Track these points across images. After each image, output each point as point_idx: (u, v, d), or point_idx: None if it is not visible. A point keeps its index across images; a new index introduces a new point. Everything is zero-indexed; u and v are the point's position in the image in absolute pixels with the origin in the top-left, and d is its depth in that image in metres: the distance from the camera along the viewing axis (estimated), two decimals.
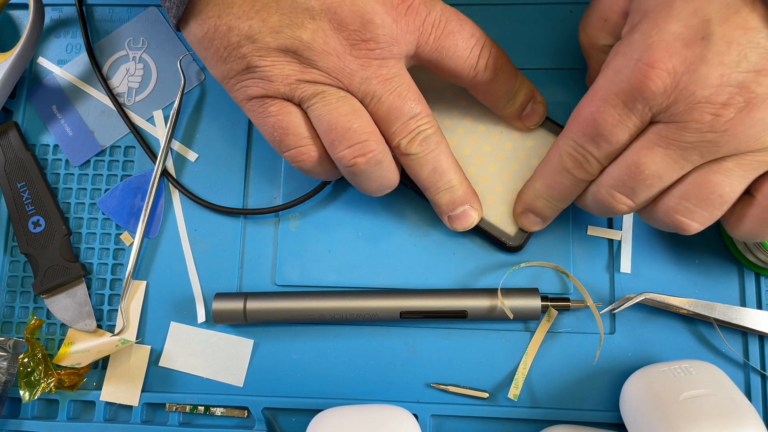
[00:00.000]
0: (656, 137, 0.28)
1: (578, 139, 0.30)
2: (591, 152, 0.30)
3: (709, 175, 0.28)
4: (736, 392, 0.31)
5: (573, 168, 0.31)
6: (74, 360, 0.38)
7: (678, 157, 0.28)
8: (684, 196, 0.29)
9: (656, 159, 0.28)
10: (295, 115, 0.31)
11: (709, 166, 0.28)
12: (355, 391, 0.37)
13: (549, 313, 0.37)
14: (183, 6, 0.30)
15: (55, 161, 0.41)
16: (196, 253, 0.40)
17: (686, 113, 0.26)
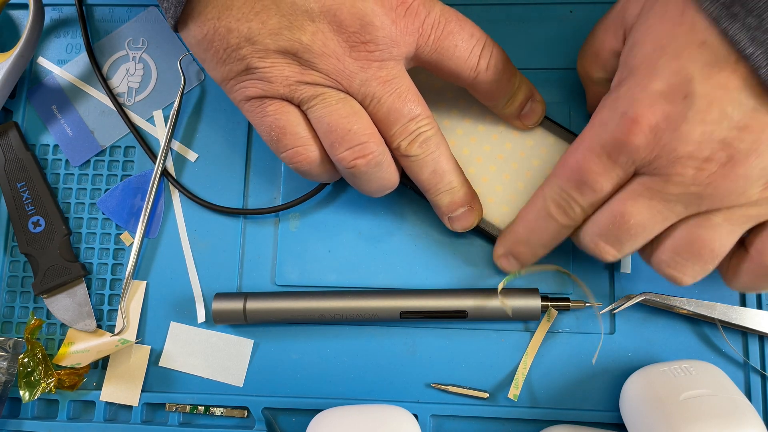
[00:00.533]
0: (641, 188, 0.28)
1: (563, 185, 0.30)
2: (575, 199, 0.30)
3: (700, 231, 0.28)
4: (736, 392, 0.31)
5: (557, 213, 0.31)
6: (74, 360, 0.38)
7: (662, 209, 0.28)
8: (676, 251, 0.29)
9: (641, 209, 0.28)
10: (293, 115, 0.31)
11: (699, 221, 0.28)
12: (355, 391, 0.37)
13: (549, 313, 0.37)
14: (181, 6, 0.30)
15: (55, 161, 0.41)
16: (196, 253, 0.40)
17: (669, 167, 0.27)
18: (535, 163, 0.37)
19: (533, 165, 0.37)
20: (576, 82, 0.39)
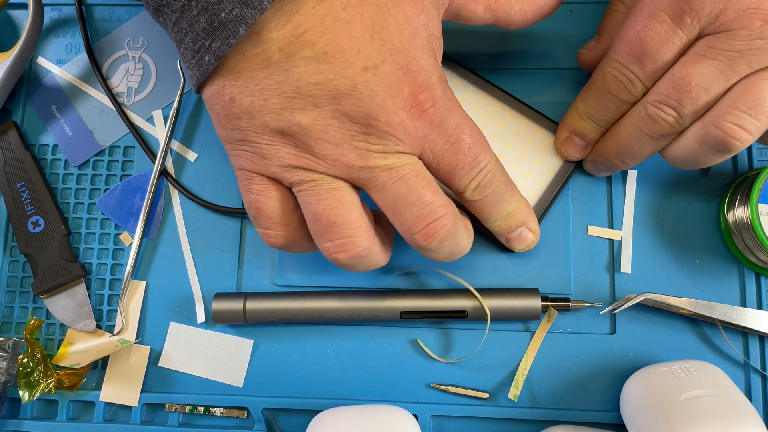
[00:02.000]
0: (703, 49, 0.28)
1: (623, 59, 0.30)
2: (636, 73, 0.30)
3: (759, 81, 0.28)
4: (736, 392, 0.31)
5: (616, 90, 0.31)
6: (73, 360, 0.38)
7: (725, 68, 0.28)
8: (733, 104, 0.28)
9: (703, 70, 0.28)
10: (273, 200, 0.30)
11: (758, 73, 0.28)
12: (355, 391, 0.37)
13: (549, 313, 0.37)
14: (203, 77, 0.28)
15: (54, 161, 0.41)
16: (196, 253, 0.40)
17: (735, 21, 0.27)
18: (536, 163, 0.37)
19: (534, 164, 0.37)
20: (576, 82, 0.39)
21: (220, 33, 0.25)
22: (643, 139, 0.31)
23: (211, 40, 0.25)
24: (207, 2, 0.25)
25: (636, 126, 0.31)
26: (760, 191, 0.34)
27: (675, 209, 0.38)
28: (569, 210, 0.38)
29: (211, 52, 0.26)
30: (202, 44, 0.26)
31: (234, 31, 0.25)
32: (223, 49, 0.25)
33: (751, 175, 0.35)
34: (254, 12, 0.25)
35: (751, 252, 0.35)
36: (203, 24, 0.25)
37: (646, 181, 0.38)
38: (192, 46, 0.26)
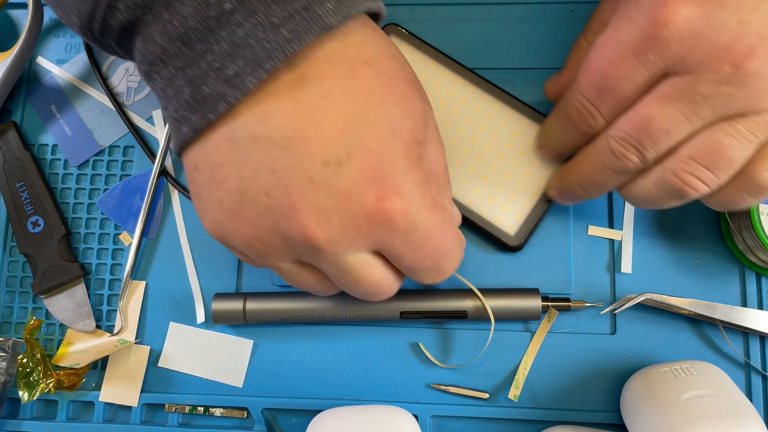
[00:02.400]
0: (668, 89, 0.27)
1: (585, 92, 0.29)
2: (597, 106, 0.29)
3: (720, 136, 0.27)
4: (737, 393, 0.31)
5: (578, 120, 0.31)
6: (73, 360, 0.37)
7: (689, 112, 0.26)
8: (692, 156, 0.27)
9: (666, 113, 0.27)
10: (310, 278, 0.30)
11: (721, 126, 0.27)
12: (355, 391, 0.37)
13: (549, 313, 0.37)
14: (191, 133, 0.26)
15: (54, 161, 0.41)
16: (196, 253, 0.39)
17: (703, 63, 0.25)
18: (536, 163, 0.37)
19: (534, 164, 0.37)
20: None
21: (201, 107, 0.25)
22: (606, 172, 0.30)
23: (191, 112, 0.25)
24: (193, 76, 0.25)
25: (599, 159, 0.30)
26: None
27: (675, 209, 0.38)
28: (569, 210, 0.38)
29: (189, 124, 0.25)
30: (183, 115, 0.25)
31: (213, 107, 0.24)
32: (200, 123, 0.25)
33: None
34: (236, 92, 0.24)
35: (752, 252, 0.35)
36: (186, 96, 0.25)
37: None
38: (174, 114, 0.26)
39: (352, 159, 0.25)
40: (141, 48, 0.26)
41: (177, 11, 0.24)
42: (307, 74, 0.25)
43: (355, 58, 0.26)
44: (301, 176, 0.25)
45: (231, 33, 0.24)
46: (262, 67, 0.24)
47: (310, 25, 0.24)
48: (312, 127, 0.25)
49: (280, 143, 0.25)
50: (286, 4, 0.24)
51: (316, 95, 0.25)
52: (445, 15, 0.41)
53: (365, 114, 0.25)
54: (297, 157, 0.25)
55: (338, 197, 0.25)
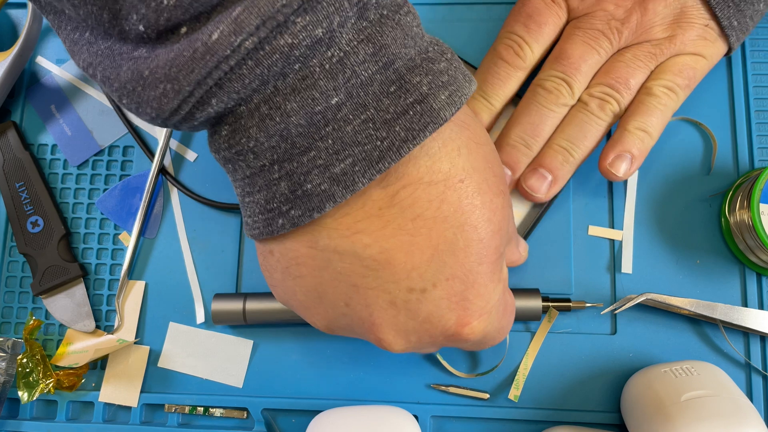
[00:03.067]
0: (572, 28, 0.34)
1: (510, 27, 0.35)
2: (522, 35, 0.35)
3: (615, 63, 0.34)
4: (737, 393, 0.31)
5: (505, 53, 0.35)
6: (72, 360, 0.37)
7: (593, 43, 0.34)
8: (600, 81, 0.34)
9: (576, 44, 0.34)
10: None
11: (615, 56, 0.34)
12: (355, 391, 0.37)
13: (550, 313, 0.37)
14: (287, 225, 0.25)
15: (53, 161, 0.41)
16: (196, 253, 0.39)
17: (595, 4, 0.34)
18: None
19: None
20: None
21: (303, 203, 0.23)
22: (541, 111, 0.34)
23: (290, 206, 0.23)
24: (292, 170, 0.23)
25: (533, 100, 0.34)
26: (761, 191, 0.34)
27: (676, 209, 0.38)
28: (570, 210, 0.38)
29: (287, 218, 0.24)
30: (278, 207, 0.24)
31: (318, 205, 0.23)
32: (303, 219, 0.23)
33: (752, 175, 0.35)
34: (345, 192, 0.23)
35: (752, 252, 0.35)
36: (284, 189, 0.23)
37: (646, 181, 0.38)
38: (264, 204, 0.24)
39: (437, 287, 0.25)
40: (227, 136, 0.24)
41: (279, 106, 0.22)
42: (400, 194, 0.24)
43: (449, 175, 0.24)
44: (385, 298, 0.25)
45: (338, 128, 0.22)
46: (375, 167, 0.22)
47: (425, 120, 0.23)
48: (400, 252, 0.24)
49: (365, 263, 0.24)
50: (398, 97, 0.23)
51: (407, 218, 0.24)
52: (445, 15, 0.40)
53: (455, 241, 0.24)
54: (381, 280, 0.25)
55: (419, 321, 0.25)
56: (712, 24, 0.34)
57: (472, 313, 0.26)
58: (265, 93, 0.22)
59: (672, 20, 0.34)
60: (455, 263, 0.25)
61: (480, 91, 0.35)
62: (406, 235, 0.24)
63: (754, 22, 0.35)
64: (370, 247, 0.24)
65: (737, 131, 0.38)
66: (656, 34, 0.34)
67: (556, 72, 0.34)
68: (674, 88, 0.34)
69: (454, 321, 0.25)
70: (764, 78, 0.38)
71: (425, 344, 0.27)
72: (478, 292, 0.25)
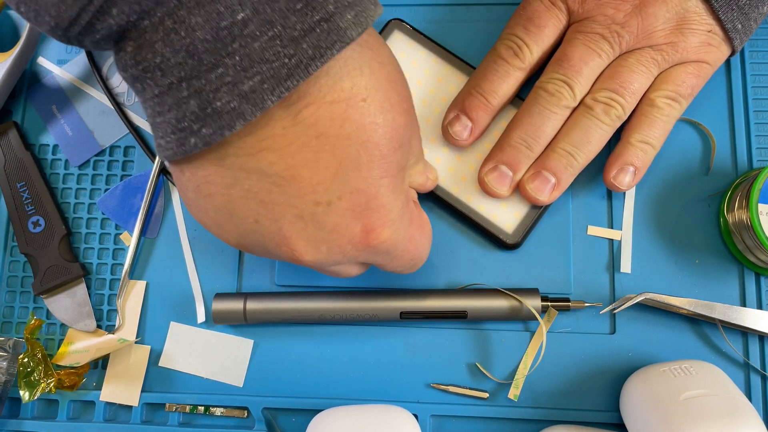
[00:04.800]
0: (573, 32, 0.34)
1: (510, 29, 0.35)
2: (521, 37, 0.35)
3: (618, 68, 0.34)
4: (736, 392, 0.31)
5: (505, 54, 0.35)
6: (73, 360, 0.38)
7: (594, 46, 0.34)
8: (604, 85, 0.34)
9: (577, 47, 0.34)
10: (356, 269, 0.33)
11: (618, 60, 0.34)
12: (355, 391, 0.37)
13: (549, 313, 0.37)
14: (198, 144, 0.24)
15: (54, 161, 0.41)
16: (196, 253, 0.40)
17: (595, 8, 0.34)
18: None
19: None
20: None
21: (213, 121, 0.23)
22: (543, 113, 0.34)
23: (201, 125, 0.23)
24: (201, 88, 0.23)
25: (535, 103, 0.35)
26: (759, 191, 0.34)
27: (675, 209, 0.38)
28: (569, 210, 0.38)
29: (198, 137, 0.24)
30: (189, 126, 0.24)
31: (229, 123, 0.23)
32: (214, 138, 0.24)
33: (751, 175, 0.35)
34: (254, 109, 0.23)
35: (751, 252, 0.35)
36: (194, 107, 0.23)
37: (645, 181, 0.38)
38: (176, 124, 0.24)
39: (342, 200, 0.26)
40: (133, 53, 0.23)
41: (183, 20, 0.22)
42: (303, 113, 0.24)
43: (352, 94, 0.25)
44: (292, 212, 0.26)
45: (245, 45, 0.23)
46: (283, 85, 0.23)
47: (332, 39, 0.23)
48: (305, 168, 0.25)
49: (272, 179, 0.25)
50: (304, 15, 0.23)
51: (311, 136, 0.25)
52: (445, 15, 0.41)
53: (358, 157, 0.25)
54: (288, 196, 0.25)
55: (327, 231, 0.26)
56: (715, 28, 0.34)
57: (375, 221, 0.27)
58: (168, 6, 0.22)
59: (674, 25, 0.33)
60: (358, 178, 0.26)
61: (477, 88, 0.35)
62: (311, 152, 0.25)
63: (757, 24, 0.35)
64: (275, 164, 0.25)
65: (736, 131, 0.38)
66: (658, 39, 0.33)
67: (557, 75, 0.34)
68: (677, 98, 0.34)
69: (359, 229, 0.27)
70: (763, 78, 0.39)
71: (336, 255, 0.28)
72: (381, 202, 0.27)
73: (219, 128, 0.23)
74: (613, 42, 0.33)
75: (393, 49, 0.38)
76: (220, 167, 0.25)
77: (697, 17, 0.33)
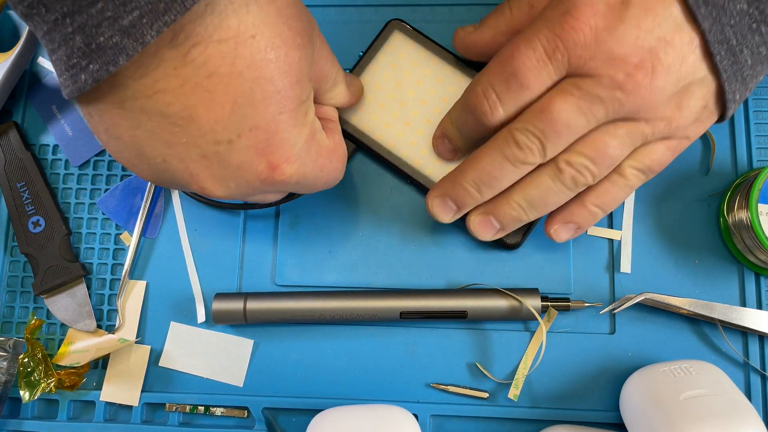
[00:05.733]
0: (570, 87, 0.29)
1: (492, 78, 0.31)
2: (499, 93, 0.30)
3: (606, 137, 0.30)
4: (736, 392, 0.31)
5: (476, 106, 0.31)
6: (74, 359, 0.38)
7: (587, 109, 0.29)
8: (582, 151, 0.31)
9: (567, 106, 0.29)
10: None
11: (607, 128, 0.30)
12: (355, 391, 0.37)
13: (549, 313, 0.37)
14: None
15: (54, 161, 0.41)
16: (196, 253, 0.40)
17: (602, 68, 0.28)
18: None
19: None
20: None
21: (98, 57, 0.24)
22: (504, 165, 0.31)
23: (88, 61, 0.24)
24: (83, 24, 0.23)
25: (499, 150, 0.31)
26: (759, 191, 0.34)
27: (675, 209, 0.38)
28: None
29: (87, 73, 0.24)
30: (78, 62, 0.24)
31: (113, 59, 0.23)
32: (101, 74, 0.24)
33: (751, 176, 0.35)
34: (136, 44, 0.23)
35: (751, 252, 0.35)
36: (79, 43, 0.24)
37: None
38: (66, 60, 0.24)
39: (242, 137, 0.26)
40: None
41: None
42: (192, 53, 0.25)
43: (239, 31, 0.25)
44: (196, 151, 0.27)
45: None
46: (161, 20, 0.23)
47: None
48: (201, 107, 0.25)
49: (171, 120, 0.26)
50: None
51: (202, 76, 0.25)
52: (445, 15, 0.41)
53: (252, 94, 0.26)
54: (190, 135, 0.26)
55: (232, 169, 0.27)
56: (710, 103, 0.30)
57: (279, 157, 0.27)
58: None
59: (676, 100, 0.29)
60: (255, 114, 0.26)
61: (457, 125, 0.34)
62: (205, 92, 0.25)
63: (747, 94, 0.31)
64: (172, 105, 0.25)
65: (736, 131, 0.38)
66: (656, 113, 0.29)
67: (534, 128, 0.30)
68: (648, 172, 0.32)
69: (264, 166, 0.27)
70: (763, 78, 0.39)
71: (245, 189, 0.28)
72: (282, 137, 0.27)
73: (104, 64, 0.24)
74: (610, 109, 0.29)
75: (393, 50, 0.38)
76: (121, 110, 0.26)
77: (698, 90, 0.29)
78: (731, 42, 0.28)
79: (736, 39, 0.28)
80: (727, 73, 0.29)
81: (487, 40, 0.35)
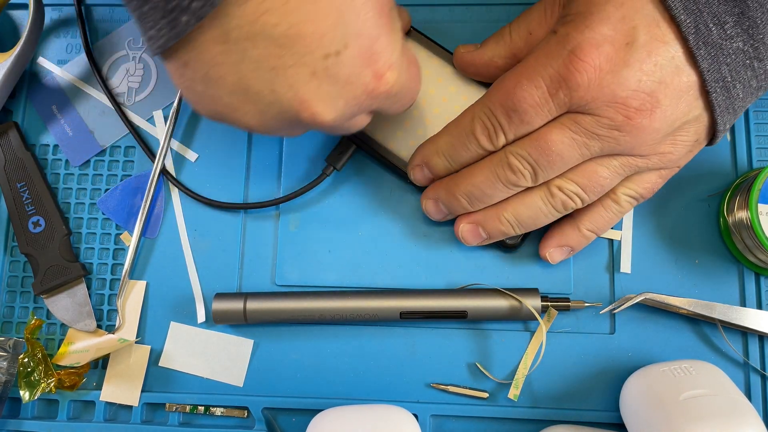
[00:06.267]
0: (569, 122, 0.30)
1: (494, 108, 0.31)
2: (502, 125, 0.31)
3: (599, 168, 0.31)
4: (736, 392, 0.31)
5: (480, 134, 0.32)
6: (74, 359, 0.38)
7: (583, 144, 0.30)
8: (574, 179, 0.32)
9: (564, 139, 0.30)
10: None
11: (601, 160, 0.31)
12: (355, 391, 0.37)
13: (549, 313, 0.37)
14: None
15: (55, 161, 0.41)
16: (196, 253, 0.40)
17: (602, 109, 0.29)
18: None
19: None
20: None
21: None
22: (497, 185, 0.33)
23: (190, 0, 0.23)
24: None
25: (493, 170, 0.32)
26: (759, 191, 0.34)
27: (675, 209, 0.38)
28: None
29: (190, 12, 0.24)
30: (179, 3, 0.23)
31: None
32: (206, 9, 0.23)
33: (751, 176, 0.35)
34: None
35: (751, 252, 0.35)
36: None
37: None
38: (164, 6, 0.24)
39: (348, 47, 0.26)
40: None
41: None
42: None
43: None
44: (305, 71, 0.26)
45: None
46: None
47: None
48: (307, 22, 0.25)
49: (278, 42, 0.25)
50: None
51: None
52: (445, 15, 0.41)
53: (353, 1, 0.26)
54: (297, 54, 0.26)
55: (341, 84, 0.27)
56: (702, 137, 0.31)
57: (382, 65, 0.27)
58: None
59: (670, 138, 0.30)
60: (358, 20, 0.26)
61: (446, 153, 0.34)
62: (309, 5, 0.25)
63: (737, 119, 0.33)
64: (279, 26, 0.25)
65: (736, 131, 0.38)
66: (650, 150, 0.30)
67: (528, 156, 0.31)
68: (640, 199, 0.33)
69: (370, 76, 0.27)
70: None
71: (352, 107, 0.28)
72: (383, 43, 0.27)
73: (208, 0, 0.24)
74: (606, 146, 0.30)
75: None
76: (225, 44, 0.25)
77: (691, 126, 0.30)
78: (726, 79, 0.29)
79: (731, 75, 0.29)
80: (720, 108, 0.29)
81: (486, 61, 0.35)
